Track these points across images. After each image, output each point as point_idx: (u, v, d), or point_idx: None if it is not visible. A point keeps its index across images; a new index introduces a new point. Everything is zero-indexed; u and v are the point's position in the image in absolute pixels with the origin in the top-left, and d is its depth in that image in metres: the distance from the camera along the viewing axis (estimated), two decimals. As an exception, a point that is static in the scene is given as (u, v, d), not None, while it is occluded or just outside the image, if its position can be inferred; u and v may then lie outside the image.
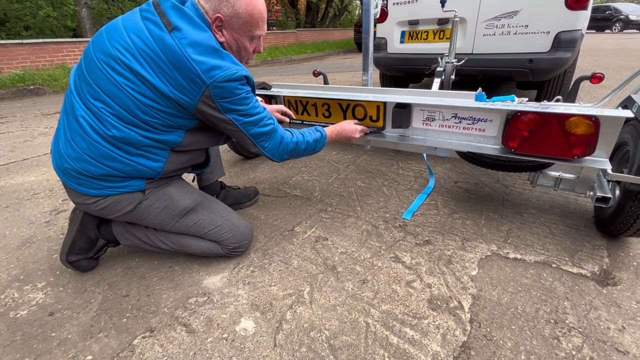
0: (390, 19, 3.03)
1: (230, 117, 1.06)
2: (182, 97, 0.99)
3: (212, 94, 0.99)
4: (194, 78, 0.96)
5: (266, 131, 1.15)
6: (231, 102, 1.03)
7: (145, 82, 0.97)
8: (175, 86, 0.98)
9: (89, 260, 1.27)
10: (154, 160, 1.08)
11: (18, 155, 2.71)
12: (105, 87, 0.99)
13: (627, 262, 1.22)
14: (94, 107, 1.00)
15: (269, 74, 7.44)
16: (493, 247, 1.32)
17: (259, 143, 1.16)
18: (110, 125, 1.00)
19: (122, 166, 1.04)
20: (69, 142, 1.04)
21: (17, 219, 1.71)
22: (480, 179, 1.90)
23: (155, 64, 0.97)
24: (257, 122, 1.12)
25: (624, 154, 1.32)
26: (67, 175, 1.06)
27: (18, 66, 6.42)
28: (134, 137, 1.02)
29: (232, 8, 1.02)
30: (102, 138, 1.01)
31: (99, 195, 1.08)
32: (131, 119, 1.01)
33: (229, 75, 0.99)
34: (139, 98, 0.99)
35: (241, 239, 1.29)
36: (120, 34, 1.00)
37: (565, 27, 2.30)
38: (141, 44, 0.97)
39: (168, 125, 1.05)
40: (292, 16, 16.44)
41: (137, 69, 0.97)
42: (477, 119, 1.32)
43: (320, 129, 1.37)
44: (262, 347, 0.95)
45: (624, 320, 0.99)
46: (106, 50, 1.00)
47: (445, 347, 0.93)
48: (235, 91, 1.02)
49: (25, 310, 1.13)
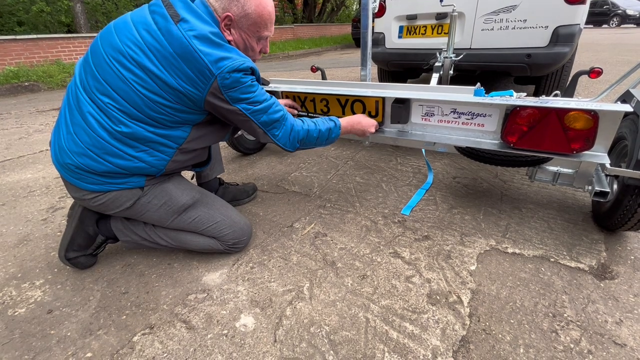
0: (388, 13, 3.01)
1: (239, 107, 1.05)
2: (191, 89, 1.00)
3: (220, 85, 0.99)
4: (202, 70, 0.97)
5: (276, 118, 1.14)
6: (238, 91, 1.03)
7: (154, 78, 0.98)
8: (184, 79, 0.98)
9: (87, 257, 1.27)
10: (158, 158, 1.08)
11: (14, 152, 2.68)
12: (113, 83, 0.99)
13: (625, 255, 1.23)
14: (101, 102, 1.00)
15: (267, 69, 7.40)
16: (492, 242, 1.33)
17: (270, 131, 1.15)
18: (118, 121, 1.00)
19: (125, 163, 1.04)
20: (72, 136, 1.03)
21: (13, 217, 1.70)
22: (478, 174, 1.90)
23: (164, 58, 0.97)
24: (266, 109, 1.11)
25: (622, 149, 1.32)
26: (66, 169, 1.06)
27: (12, 62, 6.34)
28: (140, 133, 1.02)
29: (242, 8, 1.04)
30: (108, 134, 1.01)
31: (98, 190, 1.07)
32: (139, 115, 1.01)
33: (236, 66, 0.99)
34: (147, 95, 0.99)
35: (240, 235, 1.29)
36: (130, 30, 1.00)
37: (564, 21, 2.29)
38: (150, 39, 0.98)
39: (175, 122, 1.06)
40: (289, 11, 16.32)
41: (147, 64, 0.97)
42: (476, 114, 1.32)
43: (334, 119, 1.33)
44: (262, 343, 0.95)
45: (621, 313, 1.00)
46: (115, 45, 1.00)
47: (445, 342, 0.93)
48: (241, 80, 1.02)
49: (24, 308, 1.12)
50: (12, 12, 7.84)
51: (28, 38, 6.56)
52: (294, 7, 16.22)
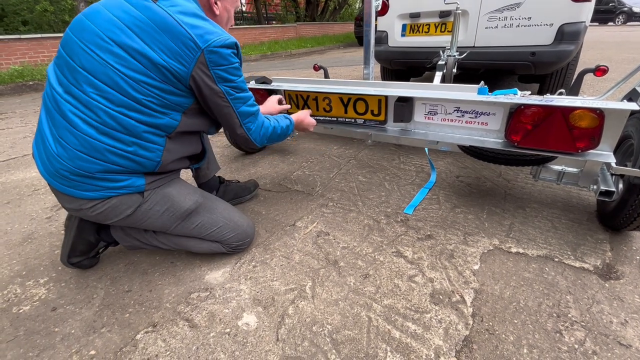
0: (391, 11, 2.99)
1: (222, 88, 1.05)
2: (175, 65, 0.95)
3: (207, 59, 0.97)
4: (187, 42, 0.94)
5: (253, 111, 1.17)
6: (225, 71, 1.03)
7: (136, 55, 0.93)
8: (167, 53, 0.94)
9: (90, 259, 1.27)
10: (150, 150, 1.02)
11: (18, 151, 2.70)
12: (92, 68, 0.93)
13: (630, 255, 1.22)
14: (82, 93, 0.93)
15: (269, 68, 7.39)
16: (495, 242, 1.32)
17: (245, 124, 1.16)
18: (102, 112, 0.93)
19: (118, 159, 0.98)
20: (58, 141, 0.96)
21: (18, 215, 1.71)
22: (482, 173, 1.89)
23: (144, 33, 0.93)
24: (246, 99, 1.13)
25: (628, 147, 1.31)
26: (59, 178, 0.98)
27: (17, 62, 6.40)
28: (127, 123, 0.96)
29: None
30: (95, 130, 0.94)
31: (96, 197, 1.00)
32: (124, 100, 0.94)
33: (222, 41, 0.99)
34: (130, 75, 0.93)
35: (243, 237, 1.29)
36: (103, 14, 0.96)
37: (569, 19, 2.27)
38: (127, 17, 0.94)
39: (163, 105, 1.00)
40: (292, 10, 16.30)
41: (126, 41, 0.92)
42: (480, 113, 1.31)
43: (287, 116, 1.40)
44: (264, 342, 0.96)
45: (626, 314, 0.99)
46: (90, 29, 0.94)
47: (448, 341, 0.93)
48: (229, 58, 1.02)
49: (28, 306, 1.13)
50: (16, 12, 7.88)
51: (32, 37, 6.61)
52: (297, 5, 16.19)
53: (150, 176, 1.08)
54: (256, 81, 1.99)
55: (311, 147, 2.46)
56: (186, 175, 1.83)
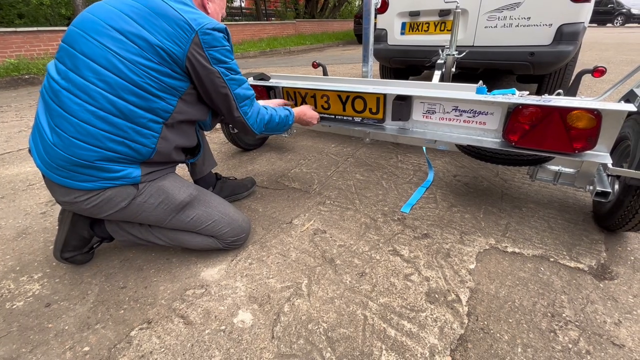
0: (390, 9, 2.98)
1: (218, 69, 1.08)
2: (171, 45, 1.00)
3: (201, 40, 1.02)
4: (181, 24, 1.00)
5: (248, 95, 1.21)
6: (219, 52, 1.07)
7: (132, 37, 0.97)
8: (163, 34, 0.99)
9: (84, 255, 1.26)
10: (146, 136, 1.03)
11: (13, 145, 2.67)
12: (90, 52, 0.96)
13: (625, 256, 1.22)
14: (81, 77, 0.95)
15: (268, 65, 7.36)
16: (491, 241, 1.32)
17: (242, 108, 1.19)
18: (100, 95, 0.95)
19: (114, 145, 0.99)
20: (54, 130, 0.98)
21: (12, 210, 1.69)
22: (479, 172, 1.89)
23: (140, 17, 0.99)
24: (240, 82, 1.17)
25: (624, 148, 1.31)
26: (55, 168, 0.99)
27: (12, 55, 6.31)
28: (124, 107, 0.97)
29: None
30: (90, 114, 0.95)
31: (91, 188, 1.01)
32: (122, 83, 0.96)
33: (214, 24, 1.05)
34: (127, 57, 0.96)
35: (239, 232, 1.28)
36: (104, 7, 1.02)
37: (568, 19, 2.27)
38: (125, 6, 1.01)
39: (160, 89, 1.02)
40: (291, 7, 16.22)
41: (123, 25, 0.98)
42: (478, 112, 1.31)
43: (287, 108, 1.44)
44: (259, 339, 0.95)
45: (620, 314, 0.99)
46: (90, 19, 1.00)
47: (443, 340, 0.93)
48: (222, 41, 1.08)
49: (22, 302, 1.12)
50: (12, 5, 7.79)
51: (28, 30, 6.52)
52: (296, 2, 16.12)
53: (147, 167, 1.08)
54: (254, 77, 1.98)
55: (309, 145, 2.46)
56: (182, 171, 1.81)
